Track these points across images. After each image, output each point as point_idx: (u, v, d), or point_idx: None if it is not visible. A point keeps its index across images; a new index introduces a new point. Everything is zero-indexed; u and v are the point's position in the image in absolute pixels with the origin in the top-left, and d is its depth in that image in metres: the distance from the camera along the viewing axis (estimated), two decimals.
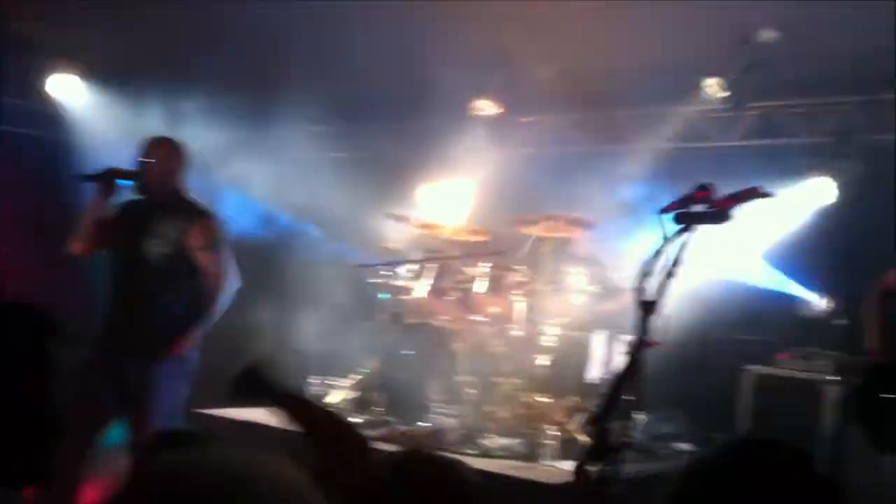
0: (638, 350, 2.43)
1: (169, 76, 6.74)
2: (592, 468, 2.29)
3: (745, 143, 6.61)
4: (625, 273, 5.95)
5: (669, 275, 2.48)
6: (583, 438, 5.38)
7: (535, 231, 6.31)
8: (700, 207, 2.62)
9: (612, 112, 7.16)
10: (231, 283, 4.75)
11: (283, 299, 7.52)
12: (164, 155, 4.80)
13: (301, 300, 7.36)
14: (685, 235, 2.52)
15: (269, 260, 7.97)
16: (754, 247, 6.68)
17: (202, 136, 6.37)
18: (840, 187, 6.14)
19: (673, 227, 2.54)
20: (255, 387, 2.64)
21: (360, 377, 6.68)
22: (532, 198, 7.09)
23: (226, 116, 7.18)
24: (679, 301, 6.56)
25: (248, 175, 7.60)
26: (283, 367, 2.90)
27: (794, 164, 6.49)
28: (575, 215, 6.23)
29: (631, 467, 5.43)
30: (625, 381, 2.43)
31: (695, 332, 6.76)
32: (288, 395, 2.66)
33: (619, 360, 2.49)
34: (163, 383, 4.52)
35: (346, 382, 6.73)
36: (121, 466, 3.82)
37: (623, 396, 2.42)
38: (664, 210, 2.56)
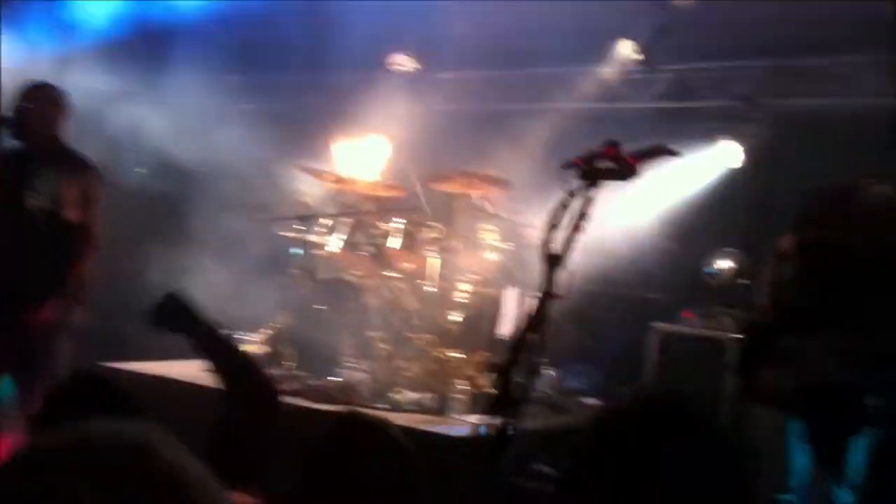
0: (543, 302, 2.45)
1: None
2: (495, 419, 2.30)
3: (657, 105, 6.71)
4: (538, 232, 6.01)
5: (575, 229, 2.51)
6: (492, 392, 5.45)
7: (449, 188, 6.32)
8: (607, 164, 2.65)
9: (528, 70, 7.18)
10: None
11: (192, 254, 7.37)
12: (43, 101, 4.62)
13: (210, 254, 7.22)
14: (591, 191, 2.55)
15: (177, 214, 7.80)
16: (662, 206, 6.82)
17: (93, 81, 6.15)
18: (747, 151, 6.29)
19: (579, 182, 2.56)
20: (174, 314, 2.63)
21: (270, 332, 6.63)
22: (447, 154, 7.09)
23: (121, 62, 6.95)
24: (589, 258, 6.73)
25: (149, 125, 7.37)
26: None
27: (705, 128, 6.63)
28: (490, 173, 6.25)
29: (538, 421, 5.59)
30: (529, 332, 2.44)
31: (604, 289, 6.91)
32: (206, 325, 2.63)
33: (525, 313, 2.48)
34: (44, 342, 4.40)
35: (257, 337, 6.67)
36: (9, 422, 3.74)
37: (527, 348, 2.43)
38: (570, 164, 2.58)
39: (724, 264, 6.55)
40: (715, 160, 6.38)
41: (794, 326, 4.16)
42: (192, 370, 6.01)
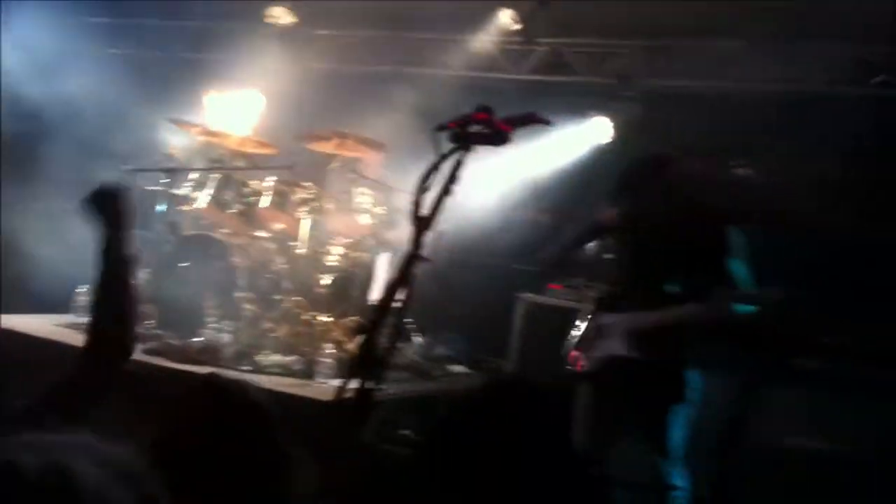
0: (409, 264, 2.44)
1: None
2: (357, 381, 2.28)
3: (532, 77, 6.77)
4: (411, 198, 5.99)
5: (445, 192, 2.50)
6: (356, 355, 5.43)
7: (324, 148, 6.21)
8: (479, 128, 2.65)
9: (407, 34, 7.11)
10: None
11: (48, 199, 7.00)
12: None
13: (68, 206, 6.87)
14: (461, 154, 2.54)
15: (31, 160, 7.39)
16: (533, 178, 6.93)
17: None
18: (617, 127, 6.44)
19: (449, 146, 2.55)
20: (106, 205, 2.58)
21: None
22: (323, 114, 6.97)
23: None
24: (460, 226, 6.76)
25: (5, 63, 6.93)
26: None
27: (578, 103, 6.75)
28: (366, 136, 6.18)
29: (404, 387, 5.60)
30: (394, 294, 2.42)
31: (474, 258, 6.98)
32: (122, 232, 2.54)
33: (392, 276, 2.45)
34: None
35: None
36: None
37: (393, 311, 2.42)
38: (442, 128, 2.56)
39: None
40: (586, 135, 6.50)
41: (617, 299, 4.28)
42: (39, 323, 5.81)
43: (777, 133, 6.26)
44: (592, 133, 6.51)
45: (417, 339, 6.62)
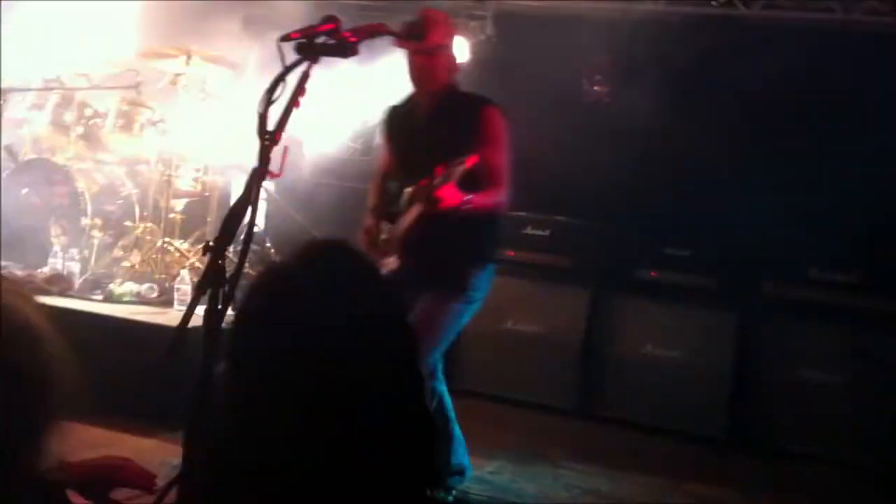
0: (257, 179, 2.39)
1: None
2: (202, 296, 2.23)
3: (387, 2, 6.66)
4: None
5: (291, 104, 2.46)
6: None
7: (171, 66, 5.94)
8: (325, 39, 2.60)
9: None
10: None
11: None
12: None
13: None
14: (307, 65, 2.50)
15: None
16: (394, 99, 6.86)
17: None
18: (472, 48, 6.45)
19: (297, 57, 2.50)
20: None
21: None
22: (170, 30, 6.65)
23: None
24: (319, 149, 6.67)
25: None
26: None
27: None
28: (216, 52, 5.95)
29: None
30: (243, 211, 2.37)
31: (335, 182, 6.92)
32: None
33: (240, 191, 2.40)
34: None
35: None
36: None
37: (241, 227, 2.37)
38: (287, 38, 2.50)
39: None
40: None
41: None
42: None
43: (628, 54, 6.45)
44: None
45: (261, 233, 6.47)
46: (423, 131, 3.85)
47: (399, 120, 4.05)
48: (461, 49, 6.46)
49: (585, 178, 6.08)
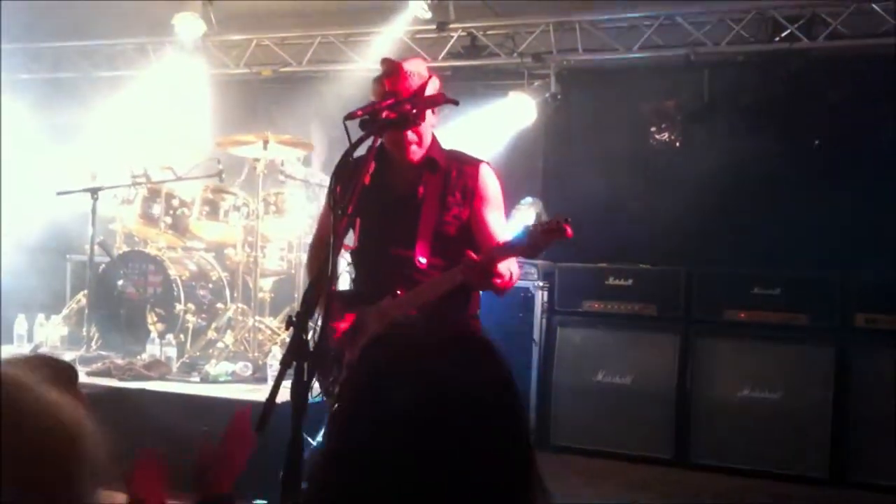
0: (333, 252, 2.46)
1: None
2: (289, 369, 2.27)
3: (449, 63, 6.83)
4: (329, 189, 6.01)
5: (360, 178, 2.55)
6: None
7: (249, 152, 6.19)
8: (388, 113, 2.71)
9: (321, 31, 7.10)
10: None
11: None
12: None
13: None
14: (372, 140, 2.60)
15: None
16: None
17: None
18: (538, 105, 6.53)
19: (363, 132, 2.60)
20: None
21: (69, 312, 6.37)
22: (247, 118, 6.96)
23: None
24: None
25: None
26: None
27: (497, 84, 6.84)
28: (291, 136, 6.18)
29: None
30: (322, 285, 2.42)
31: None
32: None
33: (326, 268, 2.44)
34: None
35: (57, 318, 6.38)
36: None
37: (321, 299, 2.42)
38: (351, 116, 2.61)
39: (528, 213, 6.71)
40: (510, 115, 6.58)
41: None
42: None
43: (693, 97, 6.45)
44: (516, 112, 6.57)
45: None
46: (405, 197, 3.20)
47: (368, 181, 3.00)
48: (529, 107, 6.58)
49: (661, 224, 6.05)
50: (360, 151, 2.57)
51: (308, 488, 1.28)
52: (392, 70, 3.01)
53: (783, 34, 6.07)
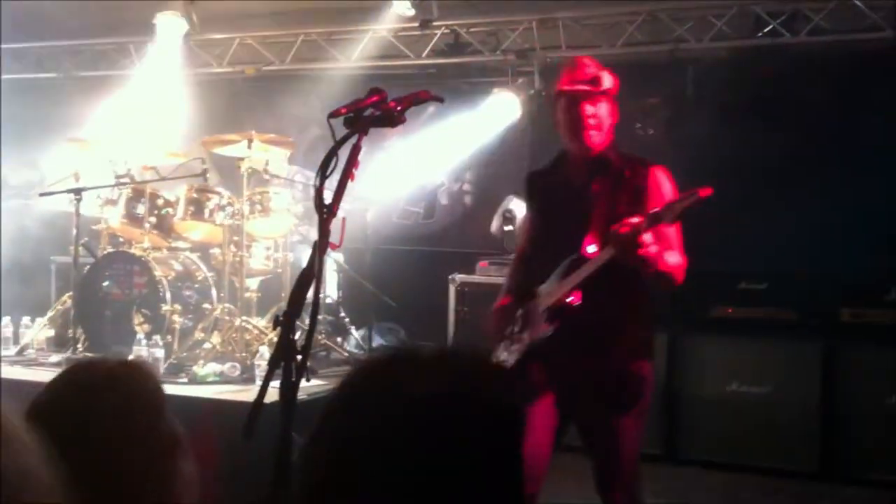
0: (318, 251, 2.46)
1: None
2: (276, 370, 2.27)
3: (432, 61, 6.82)
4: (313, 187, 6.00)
5: (345, 177, 2.54)
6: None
7: (234, 152, 6.16)
8: (371, 111, 2.69)
9: (304, 30, 7.08)
10: None
11: None
12: None
13: None
14: (356, 138, 2.58)
15: None
16: (452, 161, 7.00)
17: None
18: (522, 103, 6.53)
19: (346, 130, 2.58)
20: None
21: (54, 314, 6.32)
22: (231, 118, 6.94)
23: None
24: (385, 218, 6.76)
25: None
26: None
27: (480, 82, 6.84)
28: (275, 135, 6.16)
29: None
30: (307, 281, 2.43)
31: (402, 246, 7.02)
32: None
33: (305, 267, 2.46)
34: None
35: (42, 321, 6.33)
36: None
37: (305, 300, 2.42)
38: (335, 114, 2.59)
39: (516, 212, 6.71)
40: (494, 113, 6.59)
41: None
42: None
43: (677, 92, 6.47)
44: (500, 111, 6.57)
45: (355, 333, 6.65)
46: (578, 194, 3.41)
47: (546, 184, 3.60)
48: (513, 105, 6.58)
49: None
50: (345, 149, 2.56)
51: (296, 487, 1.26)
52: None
53: (766, 30, 6.11)
